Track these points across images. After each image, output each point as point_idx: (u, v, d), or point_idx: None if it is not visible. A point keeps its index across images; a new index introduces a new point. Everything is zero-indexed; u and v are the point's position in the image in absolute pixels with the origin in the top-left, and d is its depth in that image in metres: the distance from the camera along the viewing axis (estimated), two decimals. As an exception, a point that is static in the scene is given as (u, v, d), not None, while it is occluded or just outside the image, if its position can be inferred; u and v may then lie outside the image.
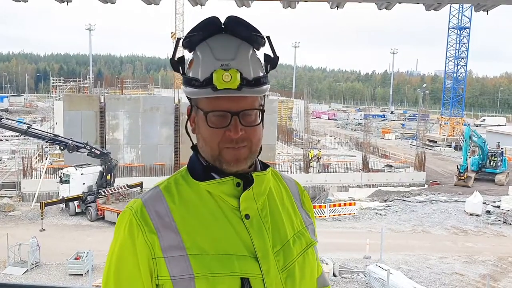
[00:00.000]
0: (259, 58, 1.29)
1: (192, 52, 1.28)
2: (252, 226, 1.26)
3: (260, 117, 1.29)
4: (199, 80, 1.22)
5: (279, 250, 1.29)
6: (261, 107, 1.29)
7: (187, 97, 1.29)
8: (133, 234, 1.23)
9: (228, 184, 1.26)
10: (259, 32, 1.27)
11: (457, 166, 35.46)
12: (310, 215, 1.50)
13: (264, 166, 1.38)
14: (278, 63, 1.29)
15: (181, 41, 1.27)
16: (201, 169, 1.31)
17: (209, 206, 1.26)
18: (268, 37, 1.28)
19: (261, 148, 1.33)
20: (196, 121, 1.30)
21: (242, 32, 1.26)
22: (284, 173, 1.51)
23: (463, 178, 34.30)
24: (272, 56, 1.30)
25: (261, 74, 1.27)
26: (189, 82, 1.25)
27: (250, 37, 1.26)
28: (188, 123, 1.34)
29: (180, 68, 1.26)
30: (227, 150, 1.25)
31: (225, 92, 1.20)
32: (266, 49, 1.31)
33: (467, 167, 34.79)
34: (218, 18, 1.27)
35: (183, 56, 1.27)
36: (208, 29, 1.26)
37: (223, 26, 1.26)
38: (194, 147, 1.36)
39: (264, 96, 1.31)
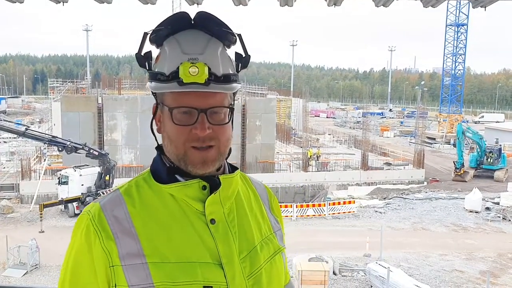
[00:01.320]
0: (230, 57, 1.25)
1: (160, 47, 1.23)
2: (217, 231, 1.21)
3: (230, 116, 1.23)
4: (165, 74, 1.17)
5: (246, 256, 1.24)
6: (230, 106, 1.23)
7: (152, 93, 1.24)
8: (89, 241, 1.17)
9: (193, 187, 1.20)
10: (230, 29, 1.22)
11: (453, 162, 35.63)
12: (278, 221, 1.44)
13: (233, 169, 1.32)
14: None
15: (148, 36, 1.21)
16: (164, 171, 1.24)
17: (172, 210, 1.20)
18: (239, 35, 1.24)
19: (230, 149, 1.27)
20: (162, 119, 1.23)
21: (212, 28, 1.21)
22: (253, 177, 1.45)
23: (459, 173, 34.51)
24: (244, 55, 1.25)
25: (231, 71, 1.22)
26: (154, 76, 1.19)
27: (221, 33, 1.21)
28: (154, 122, 1.27)
29: (147, 63, 1.21)
30: (194, 150, 1.19)
31: (192, 87, 1.15)
32: (238, 48, 1.26)
33: (463, 162, 34.93)
34: (187, 13, 1.22)
35: (150, 51, 1.22)
36: (176, 24, 1.20)
37: (192, 22, 1.21)
38: (158, 148, 1.29)
39: (234, 94, 1.26)
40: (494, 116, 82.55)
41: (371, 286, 16.03)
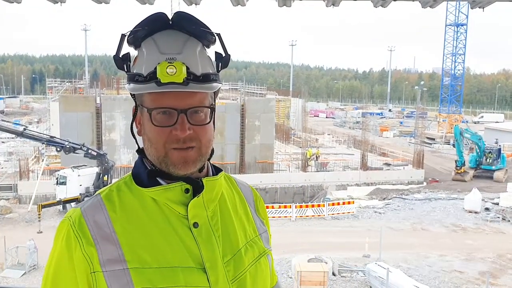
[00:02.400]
0: (209, 56, 1.23)
1: (138, 49, 1.21)
2: (200, 235, 1.19)
3: (211, 116, 1.21)
4: (143, 75, 1.15)
5: (230, 260, 1.22)
6: (211, 106, 1.21)
7: (131, 95, 1.22)
8: (70, 247, 1.15)
9: (175, 191, 1.18)
10: (208, 28, 1.21)
11: (455, 161, 35.68)
12: (264, 223, 1.42)
13: (217, 171, 1.30)
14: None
15: (126, 38, 1.19)
16: (146, 174, 1.22)
17: (153, 214, 1.18)
18: (218, 34, 1.22)
19: (212, 150, 1.25)
20: (142, 121, 1.22)
21: (190, 28, 1.19)
22: (238, 178, 1.43)
23: (460, 171, 34.55)
24: (224, 54, 1.23)
25: (211, 71, 1.20)
26: (132, 78, 1.17)
27: (199, 33, 1.20)
28: (134, 124, 1.26)
29: (125, 66, 1.19)
30: (174, 151, 1.17)
31: (170, 86, 1.12)
32: (218, 48, 1.24)
33: (464, 161, 34.97)
34: (165, 14, 1.20)
35: (128, 53, 1.20)
36: (154, 25, 1.18)
37: (170, 22, 1.19)
38: (140, 151, 1.27)
39: (215, 94, 1.25)
40: (493, 116, 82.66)
41: (370, 287, 16.01)
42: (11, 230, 21.79)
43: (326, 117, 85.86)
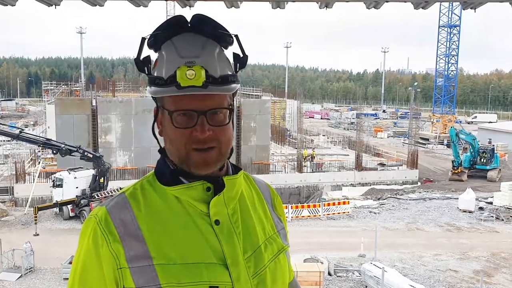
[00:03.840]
0: (228, 57, 1.26)
1: (158, 52, 1.24)
2: (222, 232, 1.23)
3: (230, 117, 1.24)
4: (163, 79, 1.18)
5: (250, 256, 1.25)
6: (230, 107, 1.24)
7: (152, 97, 1.25)
8: (97, 244, 1.19)
9: (197, 189, 1.22)
10: (226, 30, 1.24)
11: (452, 161, 35.89)
12: (281, 220, 1.45)
13: (236, 169, 1.34)
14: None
15: (146, 41, 1.22)
16: (168, 173, 1.26)
17: (177, 212, 1.22)
18: (236, 36, 1.25)
19: (232, 149, 1.28)
20: (163, 122, 1.25)
21: (209, 30, 1.22)
22: (256, 176, 1.47)
23: (457, 172, 34.76)
24: (241, 55, 1.26)
25: (229, 72, 1.23)
26: (153, 81, 1.21)
27: (217, 35, 1.23)
28: (155, 125, 1.29)
29: (146, 68, 1.22)
30: (195, 152, 1.20)
31: (190, 90, 1.16)
32: (235, 49, 1.26)
33: (460, 162, 35.19)
34: (183, 17, 1.23)
35: (148, 56, 1.23)
36: (173, 28, 1.22)
37: (189, 25, 1.22)
38: (161, 150, 1.31)
39: (233, 95, 1.27)
40: (487, 116, 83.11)
41: (366, 287, 16.07)
42: (8, 233, 21.70)
43: (321, 118, 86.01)
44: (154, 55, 1.25)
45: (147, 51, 1.23)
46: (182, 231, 1.21)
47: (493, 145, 37.94)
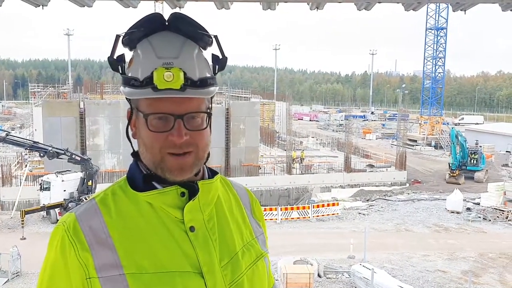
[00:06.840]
0: (206, 59, 1.20)
1: (133, 50, 1.18)
2: (197, 239, 1.17)
3: (208, 121, 1.19)
4: (139, 80, 1.12)
5: (227, 263, 1.21)
6: (208, 111, 1.19)
7: (126, 98, 1.19)
8: (65, 253, 1.13)
9: (171, 194, 1.17)
10: (205, 30, 1.18)
11: (448, 164, 36.19)
12: (261, 225, 1.40)
13: (212, 174, 1.29)
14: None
15: (120, 38, 1.16)
16: (141, 178, 1.20)
17: (149, 219, 1.16)
18: (215, 36, 1.20)
19: (209, 154, 1.23)
20: (137, 125, 1.19)
21: (187, 30, 1.16)
22: (234, 180, 1.42)
23: (454, 175, 35.07)
24: (221, 57, 1.21)
25: (208, 75, 1.18)
26: (128, 82, 1.14)
27: (196, 35, 1.17)
28: (129, 127, 1.22)
29: (120, 67, 1.16)
30: (170, 157, 1.14)
31: (167, 92, 1.10)
32: (214, 50, 1.22)
33: (458, 164, 35.46)
34: (161, 15, 1.17)
35: (123, 54, 1.17)
36: (150, 26, 1.16)
37: (166, 23, 1.16)
38: (134, 154, 1.24)
39: (212, 98, 1.22)
40: (473, 118, 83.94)
41: (356, 288, 16.15)
42: (-6, 237, 21.48)
43: (310, 120, 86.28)
44: (128, 54, 1.19)
45: (121, 49, 1.17)
46: (155, 238, 1.15)
47: (480, 146, 38.33)
